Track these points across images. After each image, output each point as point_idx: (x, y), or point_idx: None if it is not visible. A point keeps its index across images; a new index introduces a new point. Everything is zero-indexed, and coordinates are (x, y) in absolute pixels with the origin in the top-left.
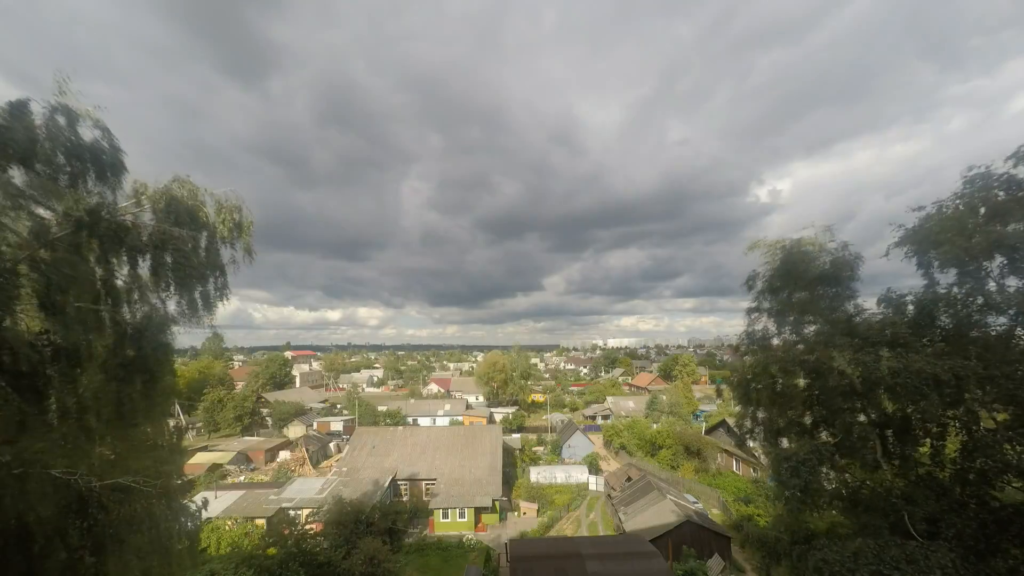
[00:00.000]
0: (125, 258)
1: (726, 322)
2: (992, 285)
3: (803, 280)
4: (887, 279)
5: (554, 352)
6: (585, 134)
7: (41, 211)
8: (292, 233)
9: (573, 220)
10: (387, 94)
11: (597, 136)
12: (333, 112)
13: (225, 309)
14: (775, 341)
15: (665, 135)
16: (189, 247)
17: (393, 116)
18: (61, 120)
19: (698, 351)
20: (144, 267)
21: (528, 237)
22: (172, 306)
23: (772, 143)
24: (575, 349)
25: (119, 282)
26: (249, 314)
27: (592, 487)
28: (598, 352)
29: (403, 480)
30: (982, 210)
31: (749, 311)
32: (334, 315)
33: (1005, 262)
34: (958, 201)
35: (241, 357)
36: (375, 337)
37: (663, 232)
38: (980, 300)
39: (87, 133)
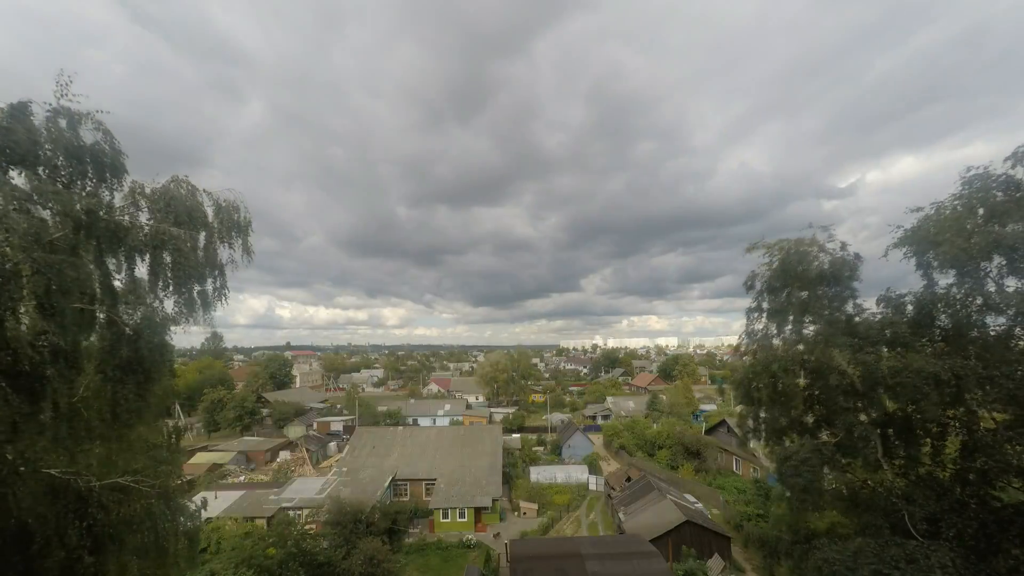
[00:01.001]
0: (123, 258)
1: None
2: (991, 285)
3: (803, 280)
4: (887, 280)
5: (554, 352)
6: (690, 135)
7: (41, 212)
8: (389, 241)
9: (647, 224)
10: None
11: (698, 140)
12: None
13: (256, 308)
14: (776, 341)
15: (759, 144)
16: (188, 247)
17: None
18: (62, 122)
19: (698, 351)
20: (143, 267)
21: (600, 239)
22: (170, 306)
23: (875, 139)
24: (575, 349)
25: (117, 283)
26: (277, 314)
27: (592, 487)
28: (598, 352)
29: (403, 480)
30: (980, 211)
31: (749, 311)
32: (360, 314)
33: (1004, 262)
34: (957, 202)
35: (241, 357)
36: (389, 337)
37: (736, 236)
38: (979, 300)
39: (88, 135)
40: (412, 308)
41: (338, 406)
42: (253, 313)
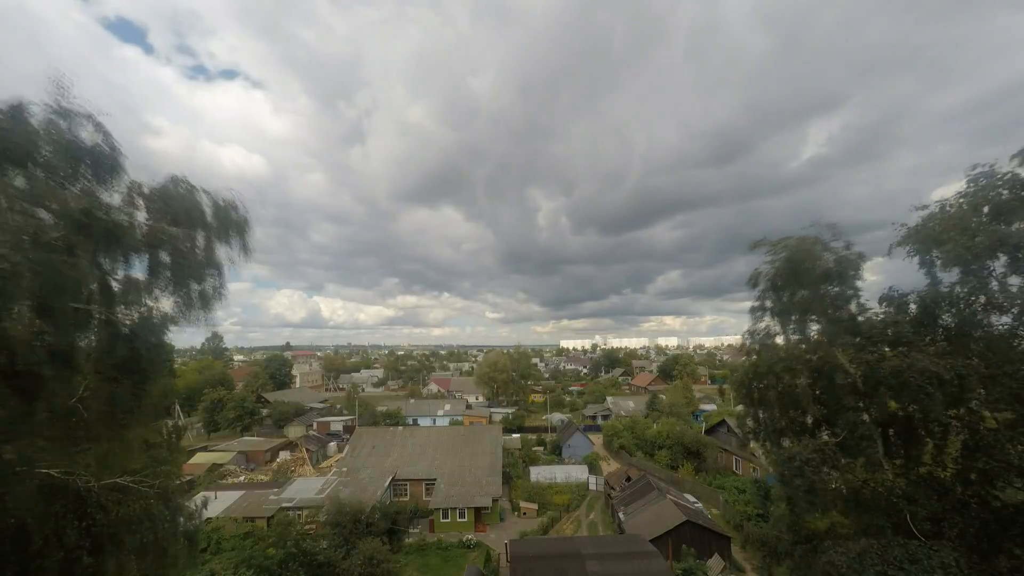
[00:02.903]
0: (121, 258)
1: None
2: (995, 284)
3: (807, 279)
4: (888, 279)
5: (554, 352)
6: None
7: (38, 212)
8: (528, 256)
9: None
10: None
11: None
12: None
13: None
14: (779, 340)
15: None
16: (186, 246)
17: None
18: (61, 123)
19: (698, 351)
20: (141, 267)
21: (694, 254)
22: (169, 306)
23: None
24: (574, 349)
25: (114, 282)
26: (328, 314)
27: (592, 487)
28: (598, 352)
29: (403, 480)
30: (986, 209)
31: (752, 310)
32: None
33: (1008, 261)
34: (962, 200)
35: (241, 357)
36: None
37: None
38: (983, 299)
39: (86, 136)
40: (501, 307)
41: (338, 406)
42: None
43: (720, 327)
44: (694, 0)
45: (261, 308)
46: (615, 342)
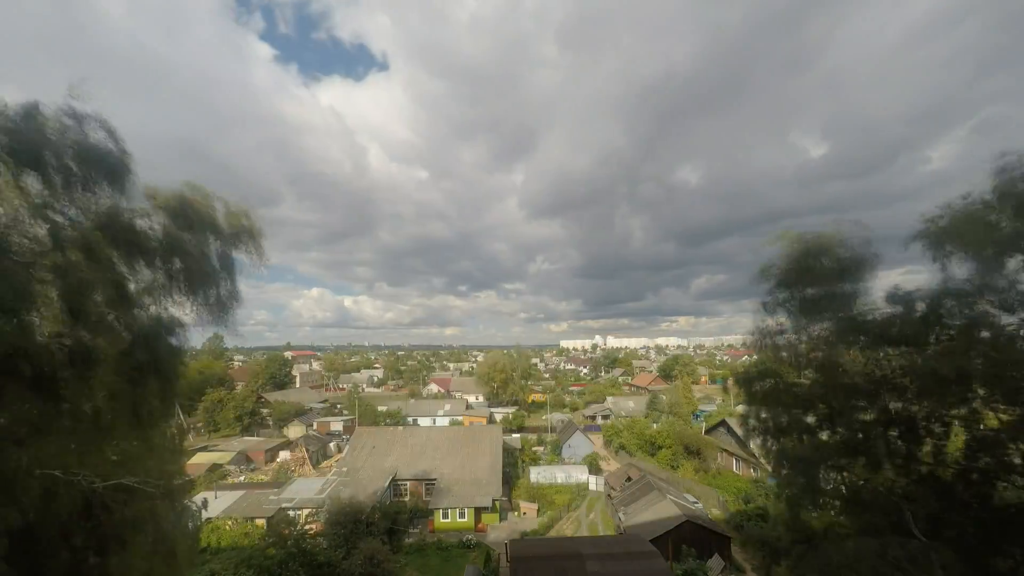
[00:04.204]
0: (141, 261)
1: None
2: (1004, 283)
3: (820, 275)
4: (896, 277)
5: (554, 352)
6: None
7: (56, 216)
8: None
9: None
10: None
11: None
12: None
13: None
14: (784, 337)
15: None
16: (201, 251)
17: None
18: (74, 125)
19: (698, 351)
20: (158, 271)
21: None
22: (184, 310)
23: None
24: (575, 349)
25: (132, 286)
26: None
27: (592, 487)
28: (598, 352)
29: (403, 480)
30: (1010, 204)
31: (762, 306)
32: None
33: (1022, 259)
34: (988, 194)
35: (241, 357)
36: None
37: None
38: (992, 298)
39: (100, 139)
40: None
41: (338, 406)
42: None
43: (729, 326)
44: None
45: (289, 307)
46: (615, 342)
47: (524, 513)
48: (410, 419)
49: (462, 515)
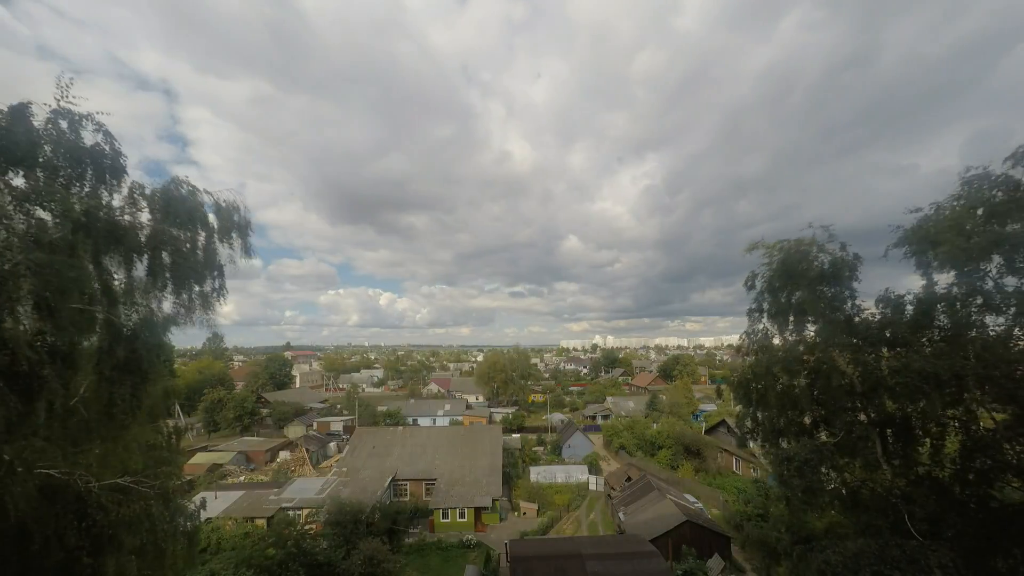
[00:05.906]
0: (122, 259)
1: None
2: (990, 285)
3: (803, 280)
4: (886, 279)
5: (554, 351)
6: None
7: (40, 212)
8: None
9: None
10: None
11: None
12: None
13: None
14: (776, 341)
15: None
16: (187, 247)
17: None
18: (62, 124)
19: (698, 351)
20: (142, 267)
21: None
22: (169, 306)
23: None
24: (575, 349)
25: (115, 283)
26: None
27: (592, 487)
28: (598, 352)
29: (403, 480)
30: (980, 211)
31: (750, 312)
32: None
33: (1003, 262)
34: (956, 202)
35: (241, 357)
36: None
37: None
38: (979, 300)
39: (88, 137)
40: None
41: (338, 406)
42: None
43: (735, 327)
44: None
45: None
46: (614, 342)
47: (524, 513)
48: (410, 419)
49: (462, 515)
